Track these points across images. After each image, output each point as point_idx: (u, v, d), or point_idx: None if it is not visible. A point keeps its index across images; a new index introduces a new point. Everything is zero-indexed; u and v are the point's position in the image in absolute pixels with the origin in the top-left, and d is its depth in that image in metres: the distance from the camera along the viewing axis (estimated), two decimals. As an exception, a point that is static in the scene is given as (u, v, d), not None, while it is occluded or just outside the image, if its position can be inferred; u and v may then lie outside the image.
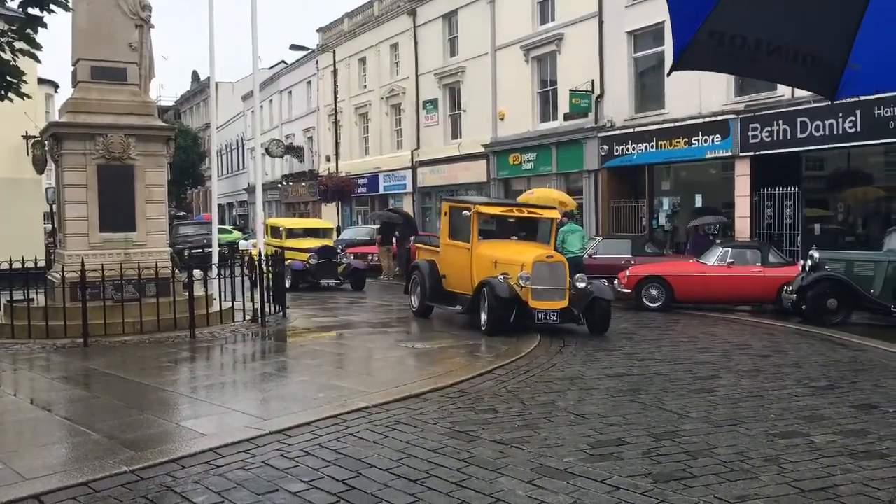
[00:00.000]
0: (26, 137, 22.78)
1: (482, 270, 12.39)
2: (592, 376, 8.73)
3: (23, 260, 11.63)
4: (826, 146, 17.68)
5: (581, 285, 11.96)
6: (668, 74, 3.23)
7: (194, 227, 33.05)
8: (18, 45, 8.43)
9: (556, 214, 13.45)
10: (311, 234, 22.63)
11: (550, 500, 4.77)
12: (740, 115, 19.22)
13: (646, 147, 21.72)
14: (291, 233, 22.25)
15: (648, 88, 22.51)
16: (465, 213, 12.87)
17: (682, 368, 9.22)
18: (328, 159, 39.14)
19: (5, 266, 11.55)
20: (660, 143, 21.27)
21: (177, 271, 12.69)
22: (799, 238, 18.43)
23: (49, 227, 27.28)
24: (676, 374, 8.81)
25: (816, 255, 13.93)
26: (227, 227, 43.61)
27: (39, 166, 21.97)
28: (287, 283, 18.76)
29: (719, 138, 19.70)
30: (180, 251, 23.06)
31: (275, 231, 22.61)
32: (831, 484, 5.06)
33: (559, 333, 11.80)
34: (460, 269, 13.02)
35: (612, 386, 8.19)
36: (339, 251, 21.30)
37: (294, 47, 35.16)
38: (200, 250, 24.11)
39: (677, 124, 20.71)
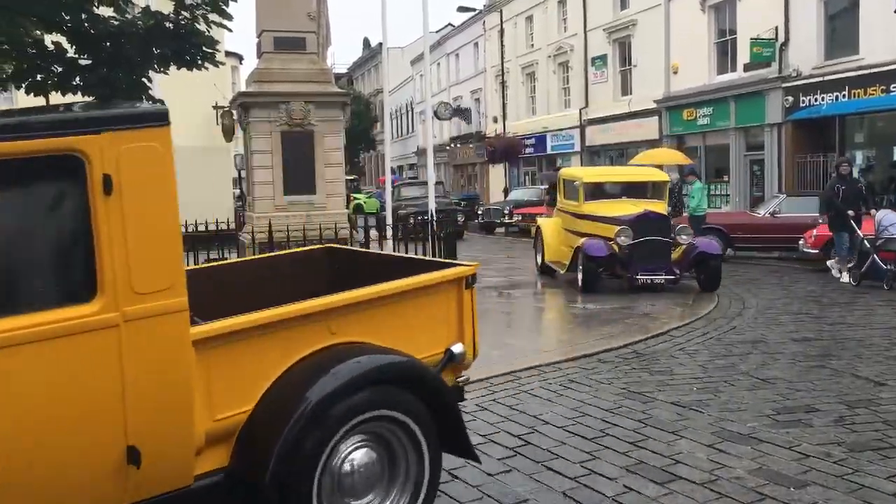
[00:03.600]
0: (216, 108, 24.42)
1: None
2: (776, 340, 8.28)
3: (217, 222, 12.52)
4: None
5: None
6: None
7: (417, 188, 27.50)
8: (211, 16, 8.97)
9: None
10: (632, 191, 13.10)
11: (734, 465, 4.60)
12: (949, 58, 17.36)
13: (836, 97, 20.11)
14: (598, 191, 13.08)
15: (839, 33, 20.75)
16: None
17: (879, 334, 8.55)
18: (495, 120, 39.21)
19: (201, 228, 12.47)
20: (853, 91, 19.60)
21: (354, 232, 13.21)
22: None
23: (237, 192, 29.27)
24: (872, 340, 8.19)
25: None
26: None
27: (228, 135, 23.43)
28: (580, 280, 11.85)
29: (923, 84, 17.91)
30: (405, 216, 16.78)
31: (570, 188, 13.60)
32: None
33: (739, 296, 11.30)
34: None
35: (799, 350, 7.74)
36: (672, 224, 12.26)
37: (461, 9, 35.42)
38: (428, 216, 14.34)
39: (873, 71, 18.98)
